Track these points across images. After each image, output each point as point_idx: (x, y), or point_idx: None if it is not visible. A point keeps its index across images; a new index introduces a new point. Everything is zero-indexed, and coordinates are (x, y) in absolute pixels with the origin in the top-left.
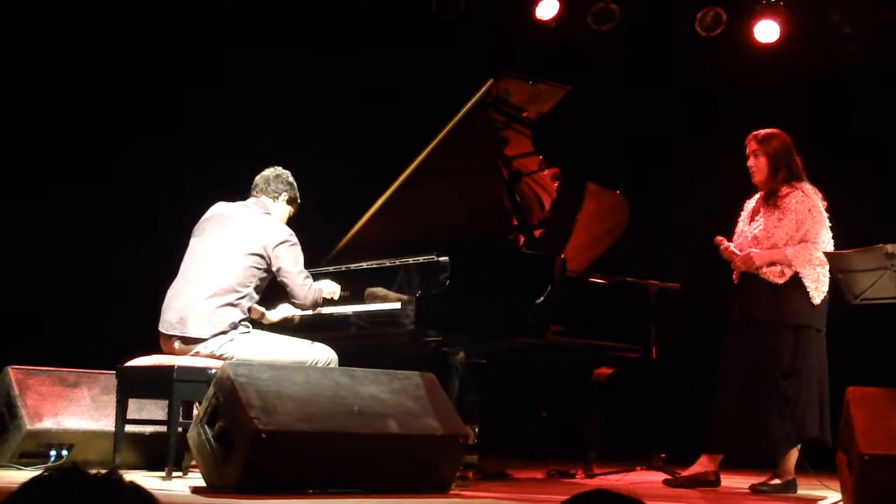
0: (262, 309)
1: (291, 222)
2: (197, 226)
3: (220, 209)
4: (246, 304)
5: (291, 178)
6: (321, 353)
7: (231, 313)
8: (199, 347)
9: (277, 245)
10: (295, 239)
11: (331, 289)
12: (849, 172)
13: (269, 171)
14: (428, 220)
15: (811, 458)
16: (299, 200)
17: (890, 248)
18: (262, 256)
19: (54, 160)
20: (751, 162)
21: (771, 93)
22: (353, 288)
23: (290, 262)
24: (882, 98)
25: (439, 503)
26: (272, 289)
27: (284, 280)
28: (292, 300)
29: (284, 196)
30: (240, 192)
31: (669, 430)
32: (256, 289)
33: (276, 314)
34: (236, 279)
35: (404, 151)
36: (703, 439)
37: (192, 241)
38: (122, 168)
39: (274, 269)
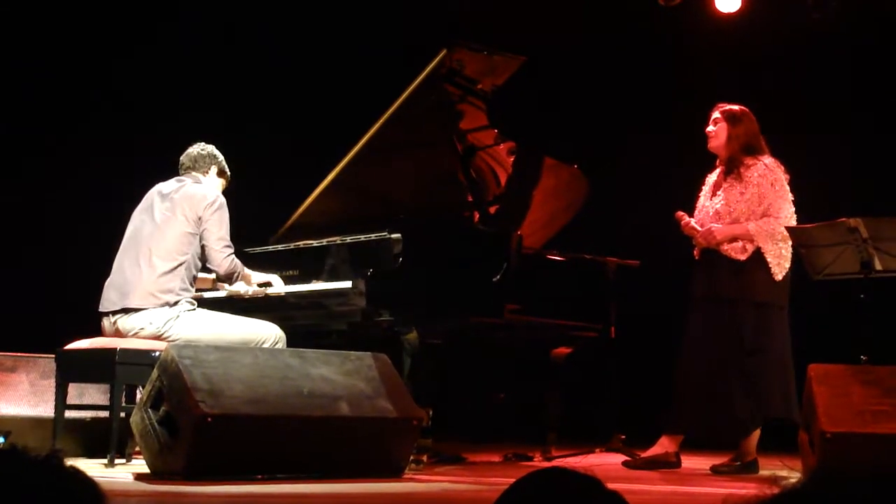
0: (210, 275)
1: (232, 195)
2: (135, 211)
3: (154, 190)
4: (185, 272)
5: (217, 151)
6: (269, 332)
7: (171, 281)
8: (143, 322)
9: (206, 206)
10: (222, 203)
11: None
12: (811, 146)
13: (193, 149)
14: (379, 197)
15: (774, 438)
16: (228, 171)
17: (853, 222)
18: (195, 220)
19: None
20: (710, 128)
21: (732, 64)
22: (303, 266)
23: (214, 224)
24: (844, 69)
25: (393, 488)
26: None
27: (205, 243)
28: (208, 264)
29: (214, 169)
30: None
31: (629, 411)
32: (196, 257)
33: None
34: (173, 246)
35: (354, 126)
36: (664, 420)
37: (129, 226)
38: (63, 146)
39: (201, 229)
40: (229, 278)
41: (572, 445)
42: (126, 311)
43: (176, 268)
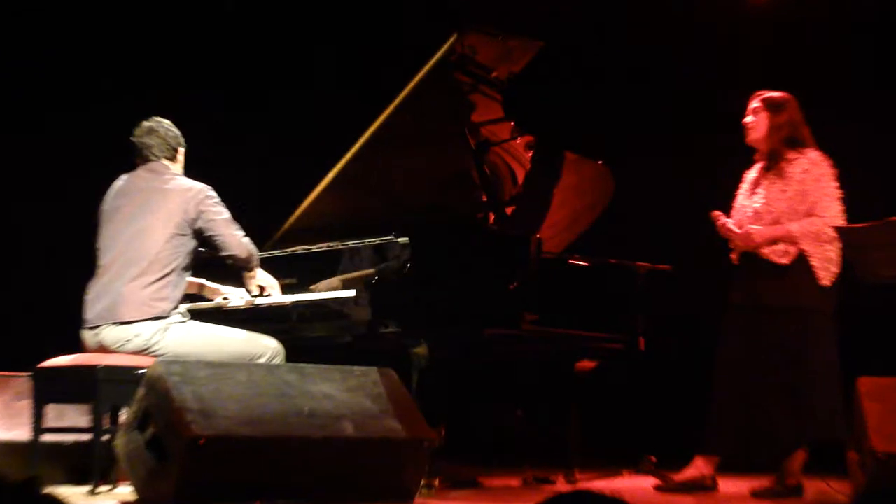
0: (202, 280)
1: (224, 194)
2: (102, 210)
3: (122, 185)
4: (175, 279)
5: (174, 127)
6: (265, 346)
7: (161, 291)
8: (129, 334)
9: (202, 200)
10: (214, 192)
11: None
12: (862, 138)
13: (156, 131)
14: (385, 197)
15: (819, 459)
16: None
17: None
18: (188, 221)
19: None
20: (748, 118)
21: (765, 54)
22: (302, 274)
23: (219, 213)
24: (886, 53)
25: None
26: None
27: (216, 234)
28: (229, 255)
29: (181, 151)
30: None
31: (661, 430)
32: (184, 265)
33: (224, 288)
34: (159, 255)
35: (357, 120)
36: (699, 439)
37: (101, 229)
38: (36, 149)
39: (200, 225)
40: (249, 262)
41: (598, 468)
42: (115, 324)
43: (163, 277)
